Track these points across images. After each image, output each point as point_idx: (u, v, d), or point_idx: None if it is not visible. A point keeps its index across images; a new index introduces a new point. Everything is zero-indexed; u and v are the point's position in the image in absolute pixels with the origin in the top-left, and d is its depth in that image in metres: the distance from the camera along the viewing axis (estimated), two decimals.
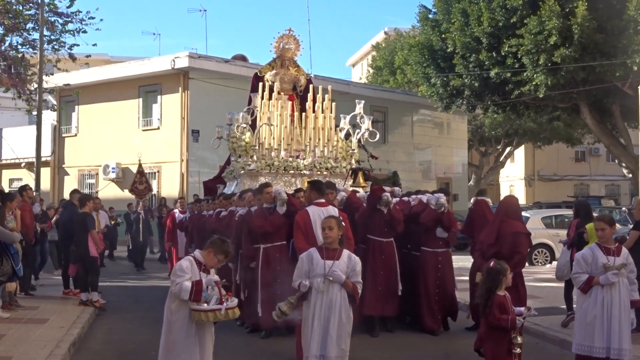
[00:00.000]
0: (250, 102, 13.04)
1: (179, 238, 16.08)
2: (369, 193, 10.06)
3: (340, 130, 12.71)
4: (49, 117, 27.59)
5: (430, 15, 27.18)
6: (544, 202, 32.37)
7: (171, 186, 25.13)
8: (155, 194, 24.98)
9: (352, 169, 12.30)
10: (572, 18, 21.63)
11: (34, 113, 19.94)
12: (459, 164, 35.94)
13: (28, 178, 26.34)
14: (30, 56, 19.21)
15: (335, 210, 7.98)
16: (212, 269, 5.68)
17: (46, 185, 26.90)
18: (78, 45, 18.78)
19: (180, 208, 16.77)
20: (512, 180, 47.69)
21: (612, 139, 28.02)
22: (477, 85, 25.14)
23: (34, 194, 15.42)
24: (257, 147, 11.91)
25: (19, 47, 18.09)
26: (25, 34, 18.13)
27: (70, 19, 18.38)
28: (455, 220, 10.19)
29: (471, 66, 24.64)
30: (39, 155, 20.23)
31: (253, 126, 12.41)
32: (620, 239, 8.27)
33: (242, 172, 12.06)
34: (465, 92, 25.96)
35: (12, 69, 17.85)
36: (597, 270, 6.64)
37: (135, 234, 18.71)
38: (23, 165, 29.01)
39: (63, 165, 28.86)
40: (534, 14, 22.26)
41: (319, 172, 11.97)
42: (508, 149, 39.05)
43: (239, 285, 9.57)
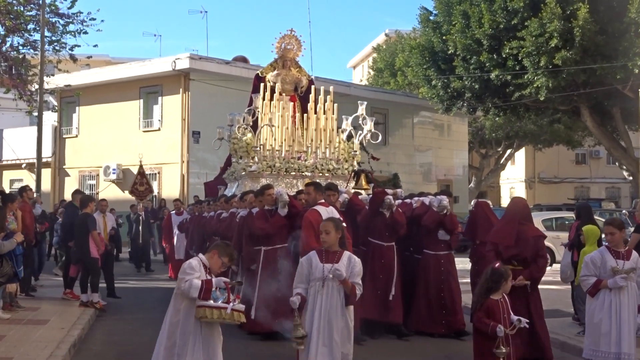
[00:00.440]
0: (251, 103, 12.99)
1: (174, 240, 16.13)
2: (371, 196, 9.98)
3: (342, 132, 12.67)
4: (50, 118, 27.62)
5: (431, 17, 27.21)
6: (544, 204, 32.34)
7: (172, 187, 25.14)
8: (156, 196, 24.98)
9: (355, 171, 12.26)
10: (573, 20, 21.65)
11: (35, 114, 19.96)
12: (460, 166, 35.94)
13: (29, 179, 26.34)
14: (31, 57, 19.23)
15: (335, 210, 7.96)
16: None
17: (47, 186, 26.91)
18: (79, 46, 18.80)
19: (176, 210, 16.78)
20: (513, 182, 47.68)
21: (613, 141, 28.02)
22: (477, 88, 25.15)
23: (35, 195, 15.43)
24: (258, 149, 11.87)
25: (20, 47, 18.11)
26: (26, 34, 18.16)
27: (71, 20, 18.40)
28: (458, 222, 10.03)
29: (472, 68, 24.65)
30: (40, 156, 20.24)
31: (254, 127, 12.38)
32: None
33: (243, 173, 12.04)
34: (466, 94, 25.97)
35: (13, 69, 17.86)
36: (606, 274, 6.59)
37: (135, 236, 18.71)
38: (24, 166, 29.01)
39: (64, 166, 28.87)
40: (535, 16, 22.28)
41: (321, 174, 11.92)
42: (508, 151, 39.06)
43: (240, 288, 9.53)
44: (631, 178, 30.28)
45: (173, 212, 17.03)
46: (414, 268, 9.79)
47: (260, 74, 13.56)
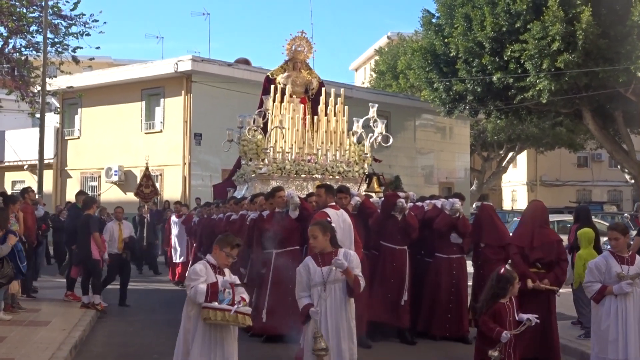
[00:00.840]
0: (261, 105, 12.92)
1: (175, 243, 16.10)
2: (383, 199, 9.89)
3: (353, 134, 12.63)
4: (52, 120, 27.65)
5: (434, 20, 27.17)
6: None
7: (173, 189, 25.14)
8: (158, 198, 24.98)
9: (367, 174, 12.22)
10: (575, 23, 21.62)
11: (37, 115, 19.98)
12: (461, 169, 35.91)
13: (31, 180, 26.37)
14: (34, 59, 19.26)
15: (346, 213, 7.90)
16: (227, 270, 5.58)
17: (48, 187, 26.90)
18: (81, 48, 18.85)
19: (176, 212, 16.75)
20: (515, 185, 47.66)
21: (615, 144, 27.98)
22: (479, 90, 25.12)
23: (37, 196, 15.44)
24: (268, 151, 11.81)
25: (23, 49, 18.19)
26: (29, 36, 18.22)
27: (73, 22, 18.44)
28: (470, 225, 9.84)
29: (474, 71, 24.63)
30: (42, 157, 20.27)
31: (264, 129, 12.33)
32: None
33: (253, 175, 11.94)
34: (468, 97, 25.94)
35: (16, 71, 17.90)
36: (611, 280, 6.51)
37: (139, 238, 18.71)
38: (26, 167, 29.03)
39: (65, 168, 28.88)
40: (538, 19, 22.25)
41: (331, 176, 11.86)
42: (510, 154, 39.02)
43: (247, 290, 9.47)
44: (633, 181, 30.23)
45: (173, 215, 17.01)
46: (424, 271, 9.69)
47: (270, 76, 13.49)
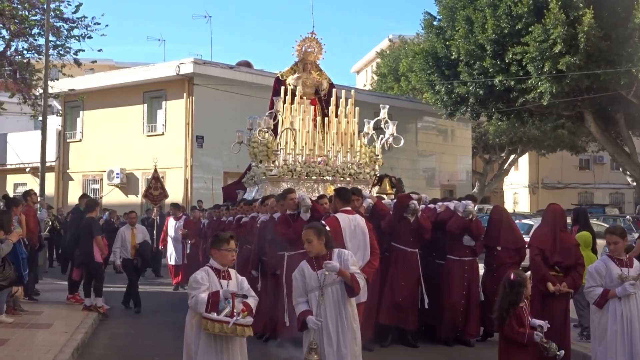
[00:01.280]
0: (272, 106, 12.87)
1: (171, 246, 16.06)
2: (396, 201, 9.82)
3: (364, 136, 12.56)
4: (54, 123, 27.67)
5: (435, 23, 27.20)
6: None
7: (175, 192, 25.11)
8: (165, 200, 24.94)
9: (378, 175, 12.15)
10: (577, 26, 21.62)
11: (39, 118, 19.98)
12: (463, 171, 35.91)
13: (33, 183, 26.39)
14: (36, 61, 19.26)
15: (362, 219, 7.83)
16: (233, 271, 5.50)
17: (50, 190, 26.92)
18: (83, 50, 18.91)
19: (173, 215, 16.71)
20: (516, 187, 47.63)
21: (617, 147, 27.97)
22: (481, 93, 25.14)
23: (39, 199, 15.43)
24: (279, 152, 11.76)
25: (25, 52, 18.16)
26: (30, 39, 18.20)
27: (75, 25, 18.44)
28: (484, 228, 9.76)
29: (475, 73, 24.65)
30: (44, 160, 20.24)
31: (274, 131, 12.28)
32: (627, 247, 8.20)
33: (264, 177, 11.88)
34: (470, 100, 25.96)
35: (18, 74, 17.90)
36: (612, 283, 6.48)
37: (149, 241, 18.64)
38: (28, 170, 29.06)
39: (67, 171, 28.91)
40: (539, 21, 22.26)
41: (342, 178, 11.80)
42: (512, 157, 39.01)
43: (260, 293, 9.39)
44: (635, 184, 30.23)
45: (171, 218, 16.95)
46: (435, 273, 9.60)
47: (280, 77, 13.48)
